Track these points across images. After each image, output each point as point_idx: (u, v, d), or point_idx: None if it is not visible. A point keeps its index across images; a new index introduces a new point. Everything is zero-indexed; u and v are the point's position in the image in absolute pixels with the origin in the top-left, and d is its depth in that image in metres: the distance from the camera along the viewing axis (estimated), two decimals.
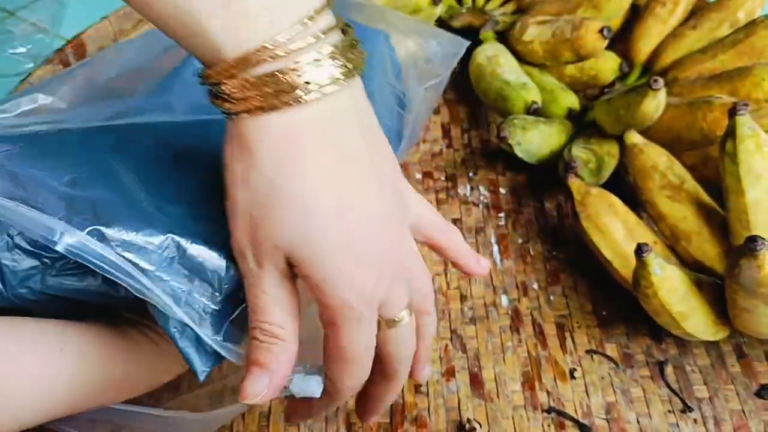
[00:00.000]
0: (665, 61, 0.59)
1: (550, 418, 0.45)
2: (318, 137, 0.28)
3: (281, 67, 0.26)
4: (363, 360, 0.32)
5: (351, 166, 0.29)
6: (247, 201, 0.28)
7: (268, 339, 0.30)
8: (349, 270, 0.29)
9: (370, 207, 0.30)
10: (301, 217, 0.28)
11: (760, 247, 0.38)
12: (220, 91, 0.27)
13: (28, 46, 0.65)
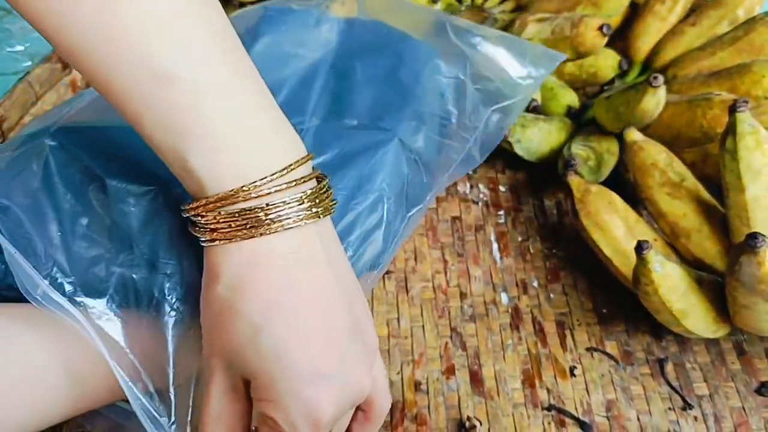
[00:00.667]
0: (665, 58, 0.59)
1: (550, 416, 0.45)
2: (276, 265, 0.30)
3: (252, 206, 0.30)
4: None
5: (310, 293, 0.31)
6: (209, 318, 0.31)
7: None
8: (304, 396, 0.29)
9: (329, 328, 0.31)
10: (249, 331, 0.29)
11: (760, 244, 0.38)
12: (198, 222, 0.31)
13: (26, 44, 0.65)
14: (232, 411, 0.31)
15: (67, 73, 0.64)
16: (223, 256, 0.30)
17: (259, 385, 0.30)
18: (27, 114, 0.60)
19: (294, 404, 0.29)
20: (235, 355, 0.30)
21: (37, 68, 0.61)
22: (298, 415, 0.29)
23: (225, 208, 0.30)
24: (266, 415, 0.30)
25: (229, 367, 0.31)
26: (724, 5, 0.58)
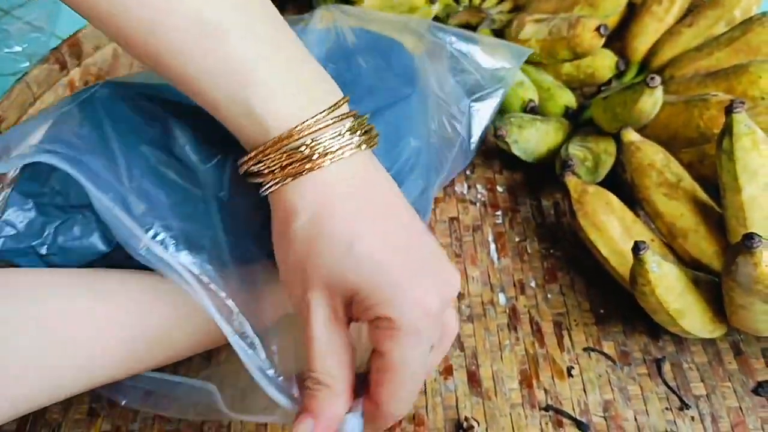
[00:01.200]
0: (662, 58, 0.59)
1: (547, 416, 0.45)
2: (346, 187, 0.32)
3: (308, 142, 0.32)
4: (421, 383, 0.33)
5: (383, 203, 0.33)
6: (295, 255, 0.32)
7: (316, 386, 0.32)
8: (409, 288, 0.31)
9: (411, 232, 0.33)
10: (342, 247, 0.31)
11: (756, 245, 0.38)
12: (260, 169, 0.33)
13: (23, 45, 0.65)
14: (338, 338, 0.32)
15: (64, 74, 0.64)
16: (294, 193, 0.32)
17: (364, 295, 0.31)
18: (25, 114, 0.60)
19: (402, 296, 0.30)
20: (334, 275, 0.31)
21: (35, 69, 0.61)
22: (408, 305, 0.30)
23: (287, 146, 0.32)
24: (379, 316, 0.30)
25: (328, 293, 0.31)
26: (721, 6, 0.58)
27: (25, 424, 0.43)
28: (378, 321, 0.31)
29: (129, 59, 0.66)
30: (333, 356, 0.32)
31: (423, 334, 0.31)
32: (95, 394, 0.44)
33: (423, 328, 0.31)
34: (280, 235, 0.33)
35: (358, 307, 0.31)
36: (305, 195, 0.32)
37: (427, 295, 0.31)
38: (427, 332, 0.31)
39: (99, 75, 0.65)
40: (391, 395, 0.32)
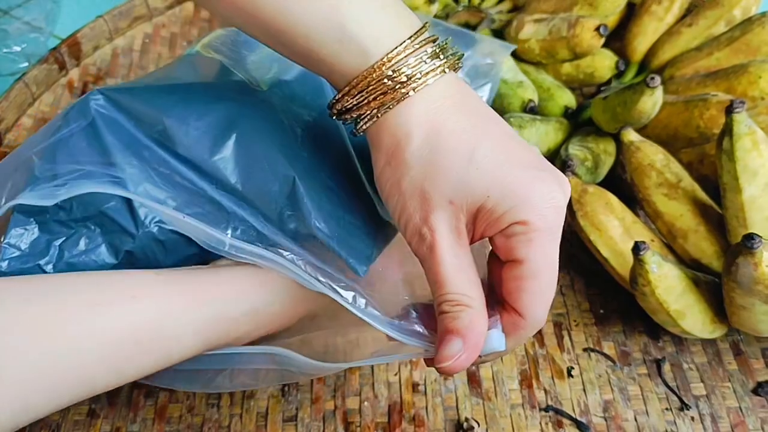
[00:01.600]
0: (661, 58, 0.59)
1: (547, 417, 0.45)
2: (451, 103, 0.32)
3: (407, 63, 0.31)
4: (555, 285, 0.33)
5: (487, 114, 0.33)
6: (413, 180, 0.31)
7: (456, 308, 0.31)
8: (536, 184, 0.31)
9: (518, 137, 0.33)
10: (464, 158, 0.31)
11: (756, 245, 0.38)
12: (359, 101, 0.32)
13: (22, 45, 0.65)
14: (467, 257, 0.32)
15: (63, 74, 0.64)
16: (401, 117, 0.31)
17: (493, 203, 0.30)
18: (24, 115, 0.60)
19: (533, 194, 0.30)
20: (459, 189, 0.31)
21: (34, 69, 0.61)
22: (541, 203, 0.30)
23: (388, 71, 0.31)
24: (514, 222, 0.30)
25: (452, 212, 0.31)
26: (720, 6, 0.58)
27: None
28: (512, 227, 0.31)
29: (128, 59, 0.66)
30: (465, 275, 0.31)
31: (557, 232, 0.31)
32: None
33: (557, 226, 0.31)
34: (391, 165, 0.32)
35: (486, 219, 0.31)
36: (414, 117, 0.31)
37: (554, 190, 0.31)
38: (560, 229, 0.32)
39: (98, 75, 0.65)
40: (538, 301, 0.32)
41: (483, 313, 0.32)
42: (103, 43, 0.66)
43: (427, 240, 0.31)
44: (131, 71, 0.65)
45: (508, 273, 0.32)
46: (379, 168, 0.33)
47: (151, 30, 0.69)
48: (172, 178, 0.37)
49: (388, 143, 0.32)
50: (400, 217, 0.32)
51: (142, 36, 0.68)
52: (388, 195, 0.33)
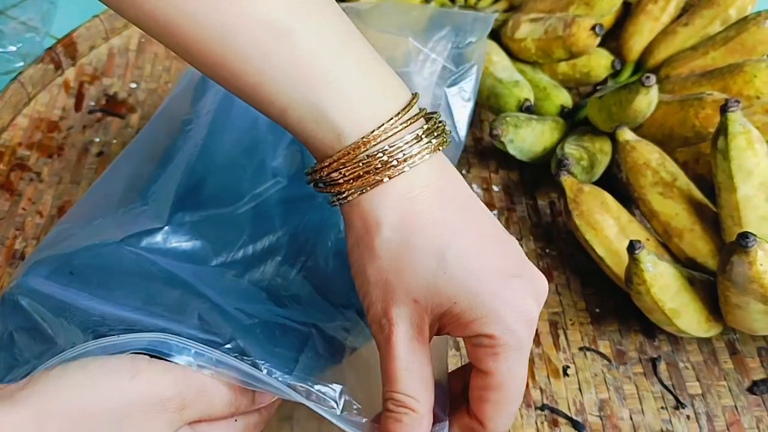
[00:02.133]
0: (657, 58, 0.59)
1: (543, 416, 0.45)
2: (428, 194, 0.31)
3: (386, 148, 0.30)
4: (521, 397, 0.31)
5: (467, 207, 0.32)
6: (378, 269, 0.30)
7: (400, 410, 0.30)
8: (507, 296, 0.30)
9: (497, 234, 0.32)
10: (434, 258, 0.29)
11: (751, 244, 0.38)
12: (333, 179, 0.31)
13: (18, 44, 0.65)
14: (422, 357, 0.31)
15: (59, 74, 0.64)
16: (374, 203, 0.30)
17: (459, 310, 0.29)
18: (19, 114, 0.60)
19: (503, 307, 0.29)
20: (426, 290, 0.30)
21: (30, 68, 0.61)
22: (511, 317, 0.29)
23: (364, 152, 0.30)
24: (480, 334, 0.29)
25: (415, 309, 0.30)
26: (716, 5, 0.58)
27: None
28: (478, 338, 0.30)
29: (124, 59, 0.66)
30: (416, 376, 0.30)
31: (527, 346, 0.30)
32: None
33: (527, 340, 0.30)
34: (360, 248, 0.31)
35: (452, 323, 0.30)
36: (387, 205, 0.30)
37: (526, 302, 0.30)
38: (530, 341, 0.30)
39: (94, 75, 0.65)
40: (500, 412, 0.31)
41: (428, 418, 0.31)
42: (99, 42, 0.66)
43: (384, 331, 0.30)
44: (127, 71, 0.65)
45: (474, 380, 0.31)
46: (349, 245, 0.32)
47: None
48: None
49: (359, 226, 0.31)
50: (363, 299, 0.32)
51: (138, 36, 0.68)
52: (354, 273, 0.32)
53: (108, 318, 0.34)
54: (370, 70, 0.31)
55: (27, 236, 0.53)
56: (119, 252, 0.38)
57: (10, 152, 0.58)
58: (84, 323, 0.34)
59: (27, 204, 0.55)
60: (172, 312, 0.35)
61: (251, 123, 0.46)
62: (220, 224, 0.41)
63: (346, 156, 0.30)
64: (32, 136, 0.59)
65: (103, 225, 0.40)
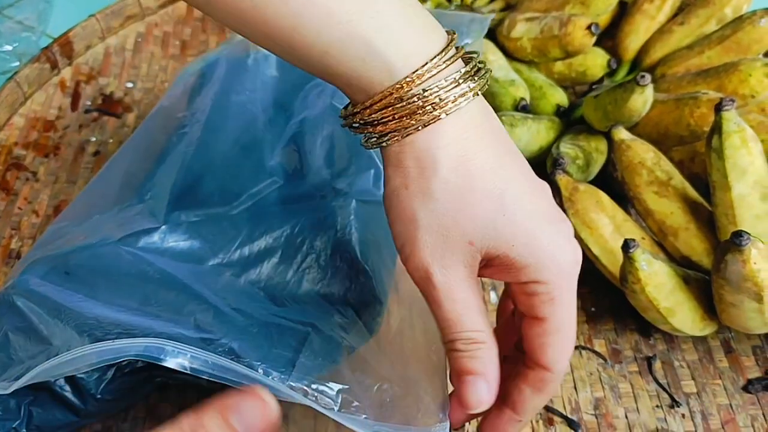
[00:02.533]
0: (653, 57, 0.59)
1: (538, 414, 0.45)
2: (480, 133, 0.30)
3: (437, 83, 0.29)
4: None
5: (516, 154, 0.31)
6: (433, 212, 0.29)
7: (471, 347, 0.30)
8: (559, 240, 0.30)
9: (539, 181, 0.32)
10: (495, 201, 0.29)
11: (745, 242, 0.39)
12: (377, 119, 0.29)
13: (14, 44, 0.65)
14: (476, 294, 0.31)
15: (55, 73, 0.64)
16: (433, 142, 0.29)
17: (516, 253, 0.29)
18: (15, 114, 0.60)
19: (558, 252, 0.30)
20: (484, 231, 0.29)
21: (26, 68, 0.61)
22: (565, 261, 0.30)
23: (419, 87, 0.29)
24: (535, 280, 0.30)
25: (470, 249, 0.29)
26: (712, 4, 0.58)
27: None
28: (533, 286, 0.30)
29: (120, 58, 0.66)
30: (475, 312, 0.30)
31: (575, 285, 0.31)
32: None
33: (575, 280, 0.30)
34: (410, 190, 0.30)
35: (504, 267, 0.30)
36: (444, 144, 0.29)
37: (575, 245, 0.31)
38: (576, 280, 0.31)
39: (90, 74, 0.65)
40: (563, 353, 0.31)
41: (496, 345, 0.31)
42: (96, 42, 0.66)
43: (436, 276, 0.30)
44: (123, 70, 0.65)
45: (530, 330, 0.31)
46: (392, 188, 0.31)
47: (143, 29, 0.69)
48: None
49: (411, 166, 0.30)
50: (404, 245, 0.31)
51: (135, 35, 0.68)
52: (395, 219, 0.31)
53: (103, 320, 0.34)
54: (410, 2, 0.30)
55: (23, 236, 0.53)
56: (116, 252, 0.38)
57: (6, 151, 0.58)
58: (80, 326, 0.34)
59: (23, 203, 0.55)
60: (169, 313, 0.36)
61: (248, 122, 0.46)
62: (217, 223, 0.41)
63: (398, 91, 0.29)
64: (28, 136, 0.59)
65: (99, 223, 0.41)
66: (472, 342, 0.30)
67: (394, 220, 0.31)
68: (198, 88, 0.49)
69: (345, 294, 0.40)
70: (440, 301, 0.30)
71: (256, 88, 0.48)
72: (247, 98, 0.47)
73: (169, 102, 0.49)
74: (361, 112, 0.30)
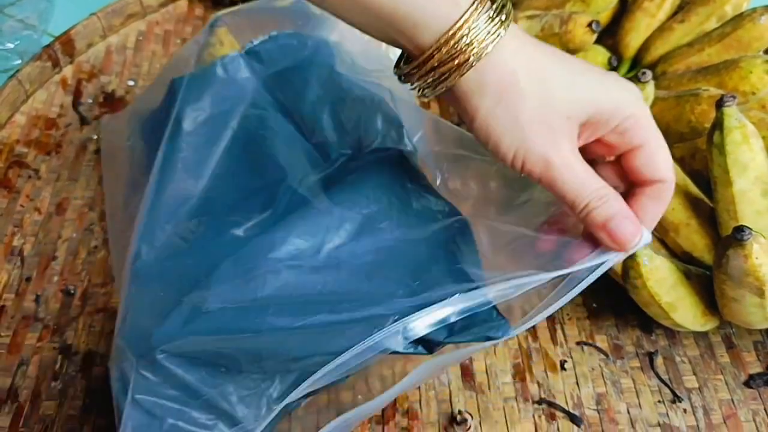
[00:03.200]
0: (654, 54, 0.59)
1: (540, 409, 0.45)
2: (528, 39, 0.34)
3: (488, 12, 0.33)
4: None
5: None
6: (532, 109, 0.33)
7: (601, 199, 0.34)
8: (619, 82, 0.35)
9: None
10: (572, 78, 0.34)
11: (746, 237, 0.39)
12: (453, 53, 0.32)
13: (15, 42, 0.65)
14: (585, 162, 0.35)
15: (57, 71, 0.64)
16: (504, 55, 0.33)
17: (602, 108, 0.34)
18: (17, 112, 0.60)
19: (630, 92, 0.35)
20: (572, 101, 0.34)
21: (27, 66, 0.61)
22: (636, 98, 0.35)
23: (482, 14, 0.32)
24: (626, 116, 0.34)
25: (570, 124, 0.34)
26: (712, 2, 0.58)
27: (19, 419, 0.43)
28: (623, 124, 0.35)
29: (122, 57, 0.66)
30: (592, 173, 0.35)
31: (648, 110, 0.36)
32: (90, 388, 0.45)
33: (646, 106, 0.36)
34: (503, 102, 0.33)
35: (595, 124, 0.35)
36: (511, 55, 0.33)
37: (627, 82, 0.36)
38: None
39: (92, 72, 0.65)
40: (669, 163, 0.36)
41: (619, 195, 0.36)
42: (97, 40, 0.66)
43: (554, 160, 0.34)
44: (125, 68, 0.65)
45: (636, 161, 0.36)
46: (485, 112, 0.34)
47: (144, 27, 0.69)
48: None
49: (496, 82, 0.33)
50: (518, 151, 0.34)
51: (136, 33, 0.68)
52: (501, 135, 0.34)
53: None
54: None
55: (25, 233, 0.53)
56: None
57: (8, 149, 0.58)
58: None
59: (25, 201, 0.55)
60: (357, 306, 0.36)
61: (249, 127, 0.47)
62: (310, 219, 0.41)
63: (468, 21, 0.32)
64: (30, 134, 0.59)
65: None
66: (602, 196, 0.35)
67: (498, 138, 0.34)
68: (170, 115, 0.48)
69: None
70: (564, 178, 0.34)
71: (236, 94, 0.48)
72: (230, 107, 0.47)
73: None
74: (437, 48, 0.33)
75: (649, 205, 0.36)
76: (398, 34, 0.34)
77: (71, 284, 0.50)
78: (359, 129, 0.44)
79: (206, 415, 0.35)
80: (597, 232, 0.35)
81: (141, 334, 0.36)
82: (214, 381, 0.36)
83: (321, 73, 0.48)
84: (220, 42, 0.52)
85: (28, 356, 0.46)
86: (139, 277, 0.39)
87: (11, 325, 0.48)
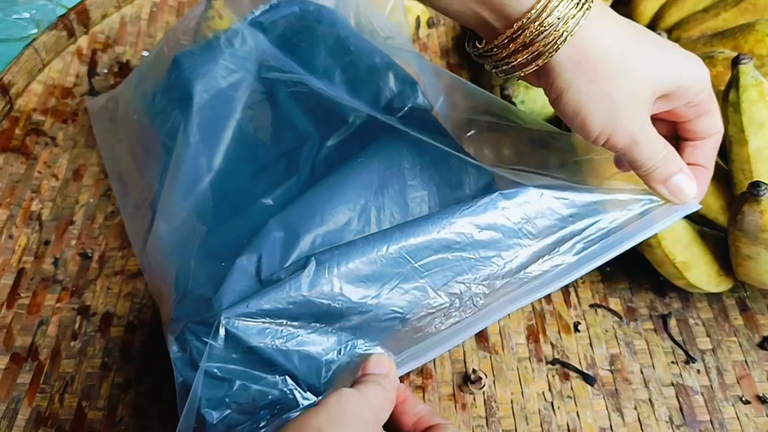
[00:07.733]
0: (668, 21, 0.58)
1: (554, 369, 0.45)
2: (609, 14, 0.35)
3: (552, 7, 0.33)
4: None
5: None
6: (624, 86, 0.34)
7: (666, 158, 0.37)
8: (691, 57, 0.37)
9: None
10: (654, 53, 0.35)
11: (762, 192, 0.39)
12: (543, 31, 0.33)
13: (31, 11, 0.65)
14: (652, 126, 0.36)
15: (72, 41, 0.64)
16: (594, 33, 0.33)
17: (682, 83, 0.35)
18: (34, 81, 0.61)
19: (704, 72, 0.37)
20: (657, 77, 0.35)
21: (44, 35, 0.61)
22: (704, 69, 0.36)
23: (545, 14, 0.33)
24: (698, 93, 0.36)
25: (653, 98, 0.35)
26: None
27: (40, 376, 0.44)
28: (698, 97, 0.36)
29: (136, 27, 0.66)
30: (660, 137, 0.37)
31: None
32: (108, 348, 0.45)
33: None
34: (595, 80, 0.34)
35: (674, 96, 0.36)
36: (600, 34, 0.33)
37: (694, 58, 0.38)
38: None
39: (106, 43, 0.65)
40: (721, 121, 0.39)
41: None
42: (111, 11, 0.67)
43: (638, 135, 0.35)
44: (139, 39, 0.66)
45: (701, 125, 0.38)
46: (576, 88, 0.34)
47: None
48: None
49: (590, 59, 0.34)
50: (605, 128, 0.35)
51: (150, 4, 0.68)
52: (592, 112, 0.34)
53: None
54: None
55: (43, 198, 0.53)
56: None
57: (26, 117, 0.58)
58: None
59: (42, 167, 0.55)
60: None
61: (261, 96, 0.47)
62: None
63: (547, 6, 0.32)
64: (47, 102, 0.60)
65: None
66: (665, 155, 0.37)
67: (591, 112, 0.35)
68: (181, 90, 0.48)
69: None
70: (642, 148, 0.36)
71: (243, 66, 0.48)
72: (238, 80, 0.47)
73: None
74: (523, 28, 0.33)
75: (711, 153, 0.39)
76: (485, 8, 0.33)
77: (89, 248, 0.51)
78: (372, 89, 0.45)
79: (271, 375, 0.36)
80: (657, 187, 0.38)
81: (202, 305, 0.36)
82: (279, 342, 0.36)
83: (327, 38, 0.48)
84: (219, 15, 0.52)
85: (48, 317, 0.47)
86: (195, 251, 0.40)
87: (31, 287, 0.48)
